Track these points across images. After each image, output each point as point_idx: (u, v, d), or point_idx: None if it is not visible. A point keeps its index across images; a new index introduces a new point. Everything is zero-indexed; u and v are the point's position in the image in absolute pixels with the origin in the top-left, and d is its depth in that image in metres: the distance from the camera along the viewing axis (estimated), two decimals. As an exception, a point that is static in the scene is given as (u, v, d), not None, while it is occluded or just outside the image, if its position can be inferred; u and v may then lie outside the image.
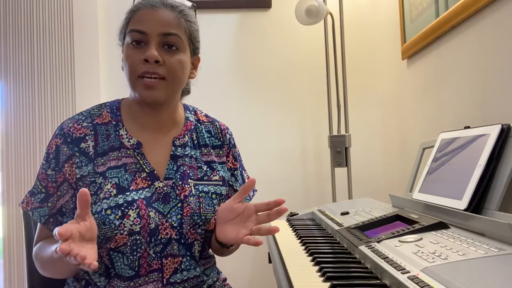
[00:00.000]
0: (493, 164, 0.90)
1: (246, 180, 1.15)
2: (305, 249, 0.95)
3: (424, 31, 1.58)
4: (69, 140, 0.95)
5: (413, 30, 1.72)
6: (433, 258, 0.66)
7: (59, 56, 2.03)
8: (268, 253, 1.16)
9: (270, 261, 1.13)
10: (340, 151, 1.90)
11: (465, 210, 0.88)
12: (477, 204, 0.89)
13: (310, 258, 0.86)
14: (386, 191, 2.08)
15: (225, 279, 1.14)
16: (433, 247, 0.72)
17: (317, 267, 0.78)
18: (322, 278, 0.72)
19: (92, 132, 0.96)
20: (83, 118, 0.98)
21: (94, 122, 0.98)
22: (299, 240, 1.05)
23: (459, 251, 0.68)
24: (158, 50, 0.93)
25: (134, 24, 0.94)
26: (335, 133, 1.98)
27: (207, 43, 2.13)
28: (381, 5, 2.14)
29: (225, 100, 2.15)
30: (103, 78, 2.11)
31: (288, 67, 2.17)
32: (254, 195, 1.17)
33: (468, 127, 1.06)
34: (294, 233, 1.15)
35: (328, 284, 0.68)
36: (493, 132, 0.92)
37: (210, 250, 1.10)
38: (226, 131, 1.12)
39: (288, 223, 1.33)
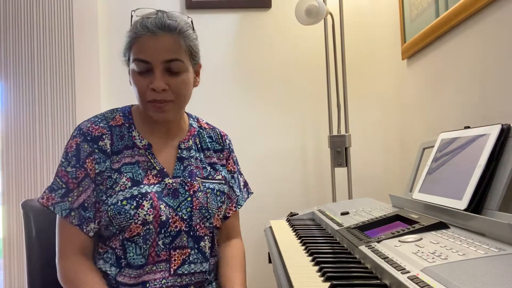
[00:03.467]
0: (493, 164, 0.89)
1: (242, 185, 1.23)
2: (305, 249, 0.95)
3: (424, 31, 1.58)
4: (88, 138, 1.02)
5: (413, 30, 1.72)
6: (433, 258, 0.66)
7: (59, 56, 2.04)
8: (268, 253, 1.16)
9: (270, 261, 1.13)
10: (340, 151, 1.90)
11: (465, 210, 0.88)
12: (477, 204, 0.89)
13: (310, 258, 0.86)
14: (386, 191, 2.08)
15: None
16: (433, 247, 0.72)
17: (317, 267, 0.78)
18: (322, 278, 0.72)
19: (109, 132, 1.04)
20: (99, 120, 1.06)
21: (109, 124, 1.06)
22: (299, 240, 1.05)
23: (459, 251, 0.68)
24: (163, 75, 0.98)
25: (137, 53, 0.98)
26: (335, 133, 1.98)
27: (207, 43, 2.13)
28: (381, 5, 2.14)
29: (225, 100, 2.15)
30: (103, 78, 2.10)
31: (288, 67, 2.17)
32: (248, 197, 1.23)
33: (468, 127, 1.06)
34: (294, 233, 1.15)
35: (328, 284, 0.68)
36: (493, 132, 0.92)
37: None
38: (225, 137, 1.21)
39: (288, 223, 1.33)
